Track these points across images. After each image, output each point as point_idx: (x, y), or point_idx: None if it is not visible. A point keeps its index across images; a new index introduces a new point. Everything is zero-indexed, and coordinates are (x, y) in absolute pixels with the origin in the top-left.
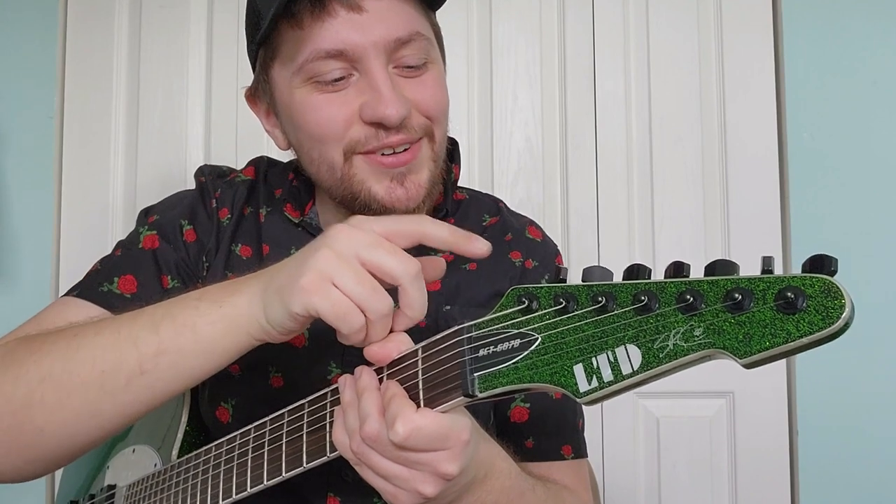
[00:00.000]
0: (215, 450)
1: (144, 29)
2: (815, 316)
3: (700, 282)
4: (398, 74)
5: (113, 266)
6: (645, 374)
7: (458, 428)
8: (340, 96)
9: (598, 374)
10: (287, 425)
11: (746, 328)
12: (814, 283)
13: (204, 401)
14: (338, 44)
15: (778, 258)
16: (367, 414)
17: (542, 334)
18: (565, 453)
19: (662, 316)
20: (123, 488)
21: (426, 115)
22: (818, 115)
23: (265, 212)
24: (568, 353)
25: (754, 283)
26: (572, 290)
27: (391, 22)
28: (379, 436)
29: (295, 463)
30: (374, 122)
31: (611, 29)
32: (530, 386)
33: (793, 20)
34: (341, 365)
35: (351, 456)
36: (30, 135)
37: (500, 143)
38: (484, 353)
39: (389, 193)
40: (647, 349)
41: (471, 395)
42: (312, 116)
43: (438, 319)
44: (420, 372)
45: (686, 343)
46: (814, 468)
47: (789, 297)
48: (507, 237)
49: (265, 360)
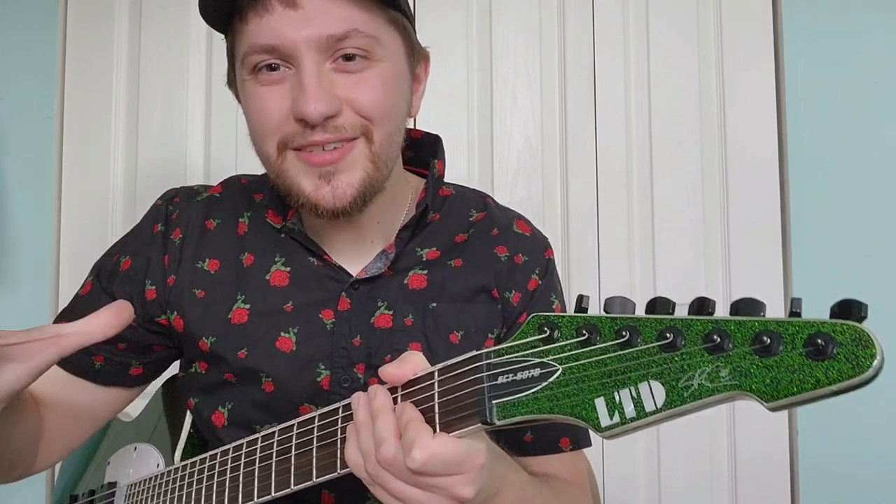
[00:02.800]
0: (221, 456)
1: (144, 29)
2: (845, 364)
3: (727, 322)
4: (336, 70)
5: (61, 315)
6: (668, 412)
7: (474, 453)
8: (277, 90)
9: (620, 410)
10: (296, 437)
11: (774, 372)
12: (844, 331)
13: (198, 406)
14: (271, 39)
15: (778, 258)
16: (382, 437)
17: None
18: (563, 446)
19: (688, 355)
20: (124, 487)
21: (362, 115)
22: (818, 115)
23: (246, 220)
24: (590, 387)
25: (783, 326)
26: (595, 321)
27: (325, 19)
28: (395, 460)
29: (304, 477)
30: (299, 119)
31: (611, 29)
32: (550, 417)
33: (793, 20)
34: (330, 367)
35: (365, 476)
36: (30, 135)
37: (500, 142)
38: (503, 381)
39: (316, 191)
40: (671, 387)
41: (489, 423)
42: (253, 108)
43: (426, 317)
44: (436, 395)
45: (711, 383)
46: (814, 469)
47: (819, 344)
48: (494, 232)
49: (255, 368)
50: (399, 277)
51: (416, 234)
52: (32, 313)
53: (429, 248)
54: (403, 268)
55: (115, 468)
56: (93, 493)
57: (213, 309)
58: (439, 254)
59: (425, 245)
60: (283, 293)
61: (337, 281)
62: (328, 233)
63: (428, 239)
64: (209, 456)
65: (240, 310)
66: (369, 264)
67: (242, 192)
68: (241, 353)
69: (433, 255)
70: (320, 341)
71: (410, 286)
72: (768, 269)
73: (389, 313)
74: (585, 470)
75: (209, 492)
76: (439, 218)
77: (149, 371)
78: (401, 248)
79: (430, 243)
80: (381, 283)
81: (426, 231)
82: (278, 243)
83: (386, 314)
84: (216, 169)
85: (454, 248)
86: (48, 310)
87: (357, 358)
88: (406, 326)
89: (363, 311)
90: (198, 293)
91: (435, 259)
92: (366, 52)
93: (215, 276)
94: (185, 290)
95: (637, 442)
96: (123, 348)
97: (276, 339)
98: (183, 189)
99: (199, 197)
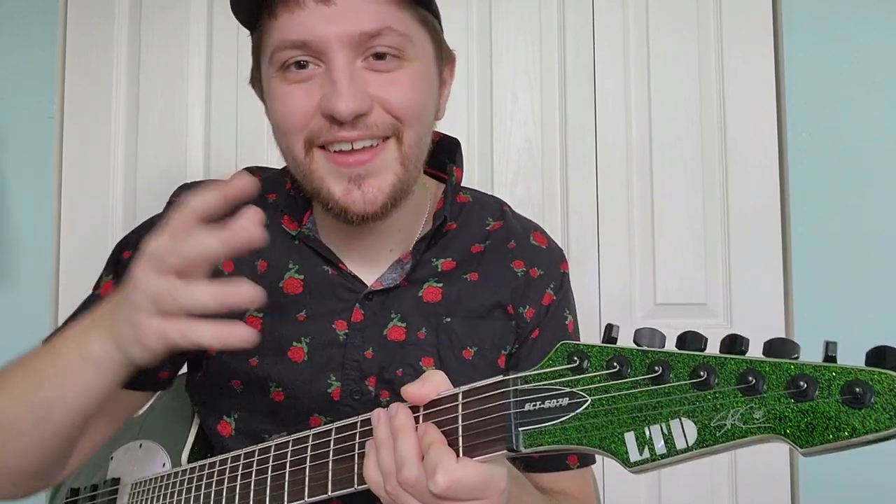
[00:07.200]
0: (232, 462)
1: (144, 29)
2: (882, 414)
3: (762, 363)
4: (367, 69)
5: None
6: (700, 451)
7: (496, 478)
8: (304, 87)
9: (650, 445)
10: (311, 449)
11: (809, 418)
12: (882, 380)
13: (204, 414)
14: (303, 34)
15: (778, 258)
16: (404, 458)
17: (592, 397)
18: (571, 463)
19: (722, 394)
20: (129, 485)
21: (393, 115)
22: (818, 114)
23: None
24: (620, 420)
25: (819, 371)
26: (626, 353)
27: (359, 15)
28: (417, 483)
29: (319, 490)
30: (328, 116)
31: (611, 29)
32: (578, 448)
33: (793, 20)
34: (341, 378)
35: (384, 496)
36: (30, 135)
37: (500, 142)
38: (530, 408)
39: (346, 195)
40: (703, 426)
41: (514, 450)
42: (278, 106)
43: (439, 331)
44: (460, 418)
45: (745, 425)
46: (814, 468)
47: (857, 392)
48: (511, 245)
49: (265, 376)
50: (414, 289)
51: (433, 244)
52: (32, 313)
53: (444, 259)
54: (419, 279)
55: (119, 464)
56: (95, 487)
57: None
58: (455, 265)
59: (441, 255)
60: (296, 301)
61: (352, 291)
62: (344, 240)
63: (444, 249)
64: (219, 460)
65: (252, 318)
66: (384, 274)
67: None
68: (252, 360)
69: (449, 266)
70: (332, 352)
71: (425, 299)
72: (768, 269)
73: (403, 326)
74: (592, 485)
75: (219, 497)
76: (456, 227)
77: (173, 374)
78: (417, 259)
79: (446, 253)
80: (395, 294)
81: (442, 241)
82: (292, 250)
83: (399, 326)
84: (216, 169)
85: (471, 260)
86: (48, 310)
87: (369, 371)
88: (419, 340)
89: (376, 322)
90: None
91: (450, 270)
92: (398, 50)
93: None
94: None
95: None
96: None
97: (289, 348)
98: (196, 183)
99: None
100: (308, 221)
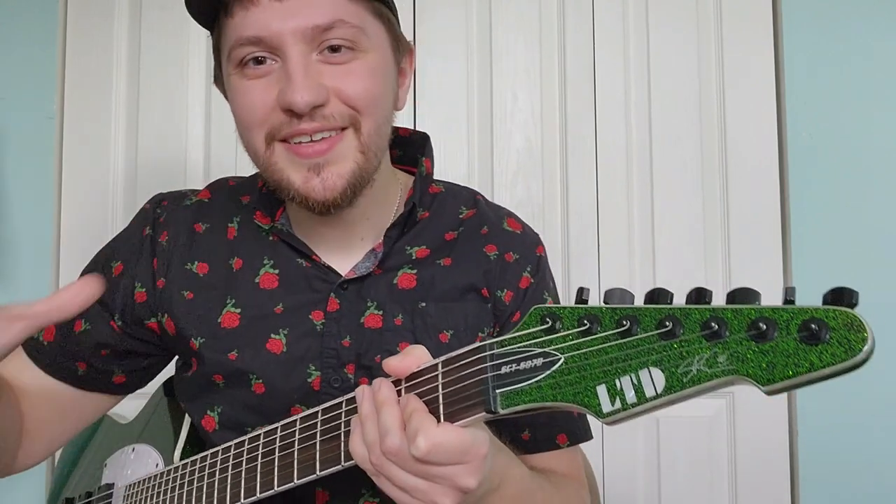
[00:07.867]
0: (222, 454)
1: (144, 29)
2: (838, 348)
3: (724, 310)
4: (323, 61)
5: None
6: (668, 398)
7: (477, 442)
8: (263, 83)
9: (621, 396)
10: (299, 433)
11: (770, 357)
12: (837, 316)
13: (189, 410)
14: (258, 31)
15: (778, 258)
16: (387, 428)
17: (565, 354)
18: (560, 442)
19: (687, 342)
20: (122, 488)
21: (349, 105)
22: (818, 114)
23: (236, 225)
24: (591, 374)
25: (778, 313)
26: (596, 311)
27: (312, 10)
28: (400, 450)
29: (307, 471)
30: (286, 109)
31: (611, 29)
32: (553, 405)
33: (793, 20)
34: (320, 368)
35: (370, 468)
36: (30, 135)
37: (500, 143)
38: (506, 371)
39: (305, 183)
40: (670, 373)
41: (493, 412)
42: (239, 102)
43: (415, 316)
44: (440, 386)
45: (710, 369)
46: (814, 468)
47: (813, 329)
48: (483, 230)
49: (245, 369)
50: (388, 277)
51: (406, 232)
52: None
53: (418, 247)
54: (392, 266)
55: (112, 470)
56: (90, 494)
57: (202, 312)
58: (429, 252)
59: (414, 243)
60: (272, 295)
61: (325, 281)
62: (317, 232)
63: (417, 237)
64: (210, 454)
65: (230, 314)
66: (358, 264)
67: (230, 195)
68: (231, 354)
69: (423, 254)
70: (310, 342)
71: (400, 285)
72: (768, 269)
73: (379, 313)
74: (582, 463)
75: (210, 489)
76: (429, 216)
77: (132, 380)
78: (389, 247)
79: (419, 241)
80: (370, 282)
81: (415, 229)
82: (266, 245)
83: (376, 314)
84: (216, 169)
85: (444, 247)
86: None
87: (347, 358)
88: (396, 326)
89: (352, 311)
90: (187, 294)
91: (424, 258)
92: (352, 42)
93: (204, 279)
94: (174, 291)
95: (637, 437)
96: (106, 354)
97: (267, 340)
98: (171, 193)
99: (187, 201)
100: (282, 217)
